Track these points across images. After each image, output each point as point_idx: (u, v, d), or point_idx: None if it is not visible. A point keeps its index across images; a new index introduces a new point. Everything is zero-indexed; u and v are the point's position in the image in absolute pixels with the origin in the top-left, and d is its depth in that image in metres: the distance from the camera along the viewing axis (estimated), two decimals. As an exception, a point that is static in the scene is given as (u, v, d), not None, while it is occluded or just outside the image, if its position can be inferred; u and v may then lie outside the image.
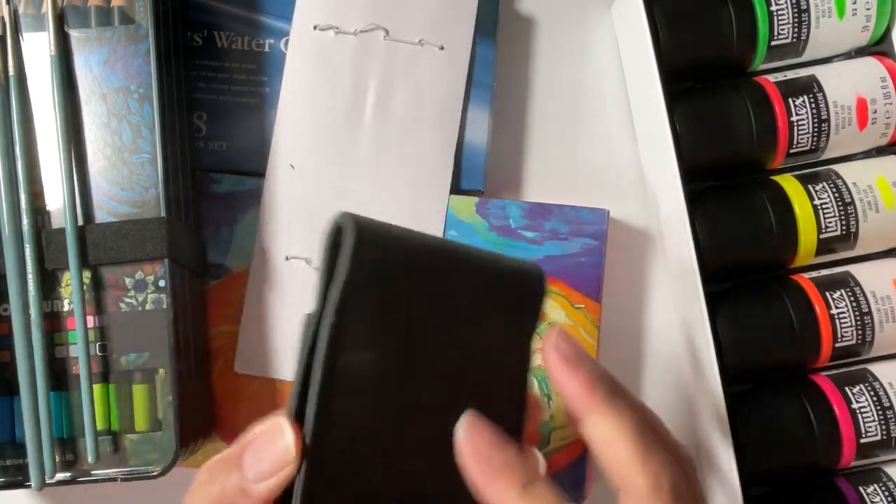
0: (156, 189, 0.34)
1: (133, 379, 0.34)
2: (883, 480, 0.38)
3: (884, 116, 0.39)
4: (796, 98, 0.39)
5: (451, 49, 0.40)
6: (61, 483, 0.33)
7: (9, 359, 0.33)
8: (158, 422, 0.33)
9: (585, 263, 0.39)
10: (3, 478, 0.33)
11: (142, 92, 0.34)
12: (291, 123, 0.39)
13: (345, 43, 0.39)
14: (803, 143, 0.39)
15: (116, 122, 0.34)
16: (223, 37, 0.40)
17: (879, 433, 0.37)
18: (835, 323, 0.38)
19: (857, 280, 0.39)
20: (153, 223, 0.34)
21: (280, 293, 0.38)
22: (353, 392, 0.24)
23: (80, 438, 0.33)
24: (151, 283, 0.34)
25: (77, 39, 0.35)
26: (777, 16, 0.39)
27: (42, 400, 0.33)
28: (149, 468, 0.33)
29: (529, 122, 0.44)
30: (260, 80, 0.40)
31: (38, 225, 0.34)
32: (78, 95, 0.34)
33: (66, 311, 0.34)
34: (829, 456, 0.38)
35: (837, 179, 0.39)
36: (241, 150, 0.40)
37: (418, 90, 0.40)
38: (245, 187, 0.39)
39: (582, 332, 0.39)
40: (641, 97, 0.42)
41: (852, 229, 0.39)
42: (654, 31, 0.39)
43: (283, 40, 0.40)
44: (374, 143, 0.39)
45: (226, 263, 0.39)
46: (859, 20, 0.39)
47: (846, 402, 0.38)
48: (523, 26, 0.44)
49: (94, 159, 0.34)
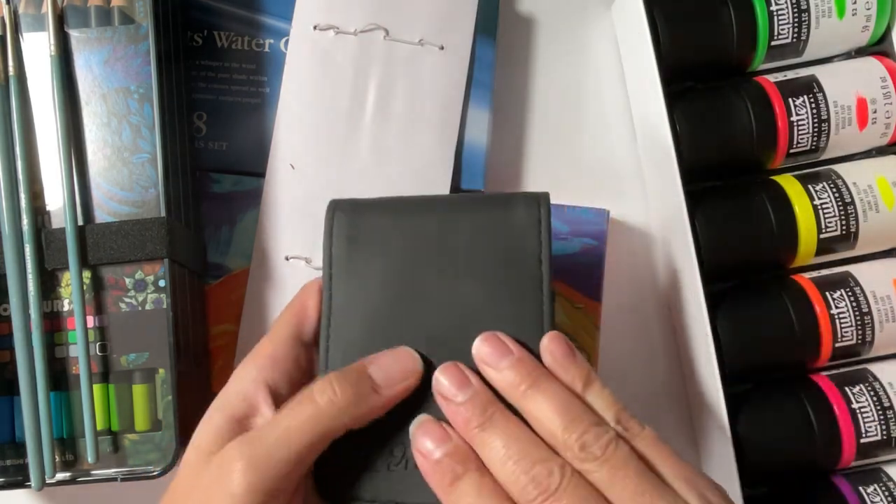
0: (156, 189, 0.34)
1: (133, 379, 0.34)
2: (883, 480, 0.38)
3: (884, 116, 0.39)
4: (796, 98, 0.39)
5: (451, 49, 0.40)
6: (61, 483, 0.33)
7: (9, 359, 0.33)
8: (158, 422, 0.33)
9: (585, 263, 0.39)
10: (3, 478, 0.33)
11: (142, 92, 0.34)
12: (291, 123, 0.39)
13: (345, 43, 0.39)
14: (803, 143, 0.39)
15: (116, 122, 0.34)
16: (223, 37, 0.40)
17: (879, 433, 0.37)
18: (835, 323, 0.38)
19: (857, 280, 0.39)
20: (153, 223, 0.34)
21: (280, 293, 0.38)
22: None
23: (80, 438, 0.33)
24: (151, 283, 0.34)
25: (77, 39, 0.35)
26: (777, 16, 0.39)
27: (42, 400, 0.33)
28: (149, 468, 0.33)
29: (529, 122, 0.44)
30: (260, 80, 0.40)
31: (38, 225, 0.34)
32: (78, 95, 0.34)
33: (66, 311, 0.34)
34: (829, 456, 0.38)
35: (837, 179, 0.39)
36: (241, 150, 0.40)
37: (418, 90, 0.40)
38: (245, 187, 0.39)
39: (582, 332, 0.39)
40: (641, 97, 0.42)
41: (852, 229, 0.39)
42: (654, 31, 0.39)
43: (283, 40, 0.40)
44: (374, 143, 0.39)
45: (226, 263, 0.39)
46: (859, 20, 0.39)
47: (846, 402, 0.38)
48: (523, 26, 0.44)
49: (94, 159, 0.34)
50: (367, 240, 0.30)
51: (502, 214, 0.30)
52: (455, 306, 0.29)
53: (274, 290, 0.38)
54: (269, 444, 0.26)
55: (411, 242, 0.30)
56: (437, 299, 0.29)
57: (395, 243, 0.30)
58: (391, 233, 0.30)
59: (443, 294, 0.29)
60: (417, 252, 0.30)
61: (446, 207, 0.31)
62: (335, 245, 0.30)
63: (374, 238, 0.30)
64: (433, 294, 0.29)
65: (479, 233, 0.30)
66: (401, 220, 0.30)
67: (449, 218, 0.30)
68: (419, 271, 0.30)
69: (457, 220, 0.30)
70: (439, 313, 0.29)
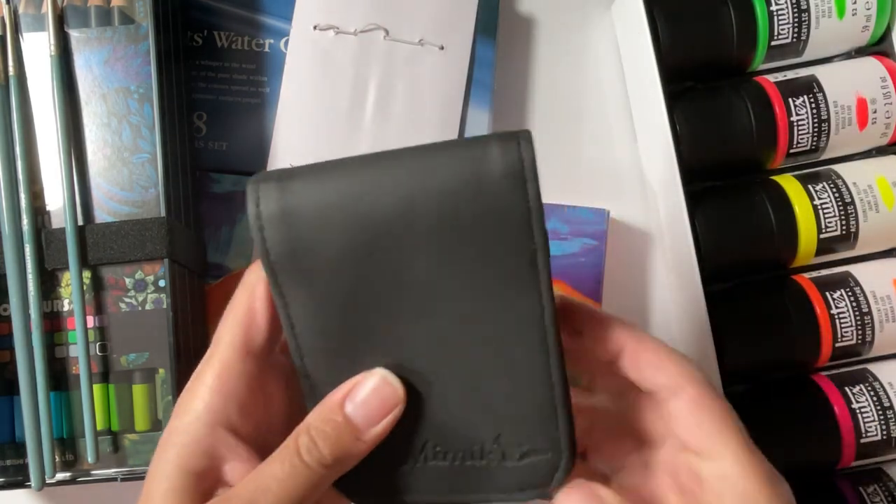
0: (156, 189, 0.34)
1: (133, 379, 0.34)
2: (883, 480, 0.38)
3: (884, 116, 0.39)
4: (796, 98, 0.39)
5: (451, 49, 0.40)
6: (61, 483, 0.33)
7: (9, 359, 0.33)
8: (158, 422, 0.33)
9: (585, 263, 0.39)
10: (3, 478, 0.33)
11: (142, 92, 0.34)
12: (291, 123, 0.39)
13: (345, 43, 0.39)
14: (803, 143, 0.39)
15: (116, 122, 0.34)
16: (223, 37, 0.40)
17: (879, 433, 0.37)
18: (835, 323, 0.38)
19: (857, 280, 0.39)
20: (153, 223, 0.34)
21: (280, 293, 0.38)
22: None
23: (80, 438, 0.33)
24: (151, 283, 0.34)
25: (77, 39, 0.35)
26: (777, 16, 0.39)
27: (42, 400, 0.33)
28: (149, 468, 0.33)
29: (529, 122, 0.44)
30: (260, 80, 0.40)
31: (38, 225, 0.34)
32: (78, 95, 0.34)
33: (66, 311, 0.34)
34: (830, 456, 0.38)
35: (837, 179, 0.39)
36: (241, 150, 0.40)
37: (418, 90, 0.40)
38: (245, 187, 0.39)
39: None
40: (641, 97, 0.42)
41: (852, 229, 0.39)
42: (654, 31, 0.39)
43: (283, 40, 0.40)
44: (374, 143, 0.39)
45: (226, 263, 0.39)
46: (859, 20, 0.39)
47: (846, 402, 0.38)
48: (523, 26, 0.44)
49: (94, 159, 0.34)
50: (308, 226, 0.23)
51: (470, 168, 0.22)
52: (434, 298, 0.23)
53: (274, 290, 0.38)
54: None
55: (364, 221, 0.23)
56: (413, 290, 0.23)
57: (344, 224, 0.23)
58: (336, 209, 0.23)
59: (417, 283, 0.23)
60: (375, 234, 0.23)
61: (400, 167, 0.23)
62: (270, 238, 0.23)
63: (317, 221, 0.23)
64: (407, 284, 0.23)
65: (445, 197, 0.22)
66: (344, 190, 0.23)
67: (405, 182, 0.22)
68: (383, 258, 0.23)
69: (416, 184, 0.22)
70: (416, 308, 0.24)
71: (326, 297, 0.24)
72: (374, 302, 0.24)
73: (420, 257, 0.23)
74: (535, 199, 0.22)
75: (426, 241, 0.23)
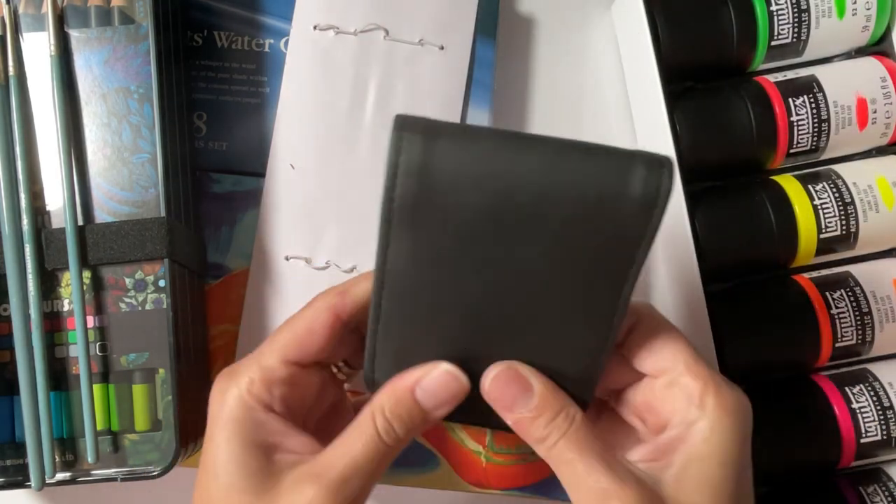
0: (156, 189, 0.34)
1: (133, 379, 0.34)
2: (883, 480, 0.38)
3: (884, 116, 0.39)
4: (796, 98, 0.39)
5: (451, 49, 0.40)
6: (61, 483, 0.33)
7: (9, 359, 0.33)
8: (158, 422, 0.33)
9: (585, 263, 0.39)
10: (3, 478, 0.33)
11: (142, 92, 0.34)
12: (291, 123, 0.39)
13: (345, 43, 0.39)
14: (803, 143, 0.39)
15: (116, 122, 0.34)
16: (223, 37, 0.40)
17: (879, 433, 0.37)
18: (835, 323, 0.38)
19: (857, 280, 0.39)
20: (153, 223, 0.34)
21: (280, 293, 0.38)
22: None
23: (80, 438, 0.33)
24: (151, 283, 0.34)
25: (77, 39, 0.35)
26: (777, 16, 0.39)
27: (42, 400, 0.33)
28: (149, 468, 0.33)
29: (529, 122, 0.44)
30: (260, 80, 0.40)
31: (38, 225, 0.34)
32: (78, 95, 0.34)
33: (66, 311, 0.34)
34: (830, 456, 0.38)
35: (837, 179, 0.39)
36: (241, 150, 0.40)
37: (418, 90, 0.40)
38: (245, 187, 0.39)
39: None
40: (641, 97, 0.42)
41: (852, 229, 0.39)
42: (654, 31, 0.39)
43: (283, 40, 0.40)
44: (374, 143, 0.39)
45: (226, 263, 0.39)
46: (859, 20, 0.39)
47: (846, 402, 0.38)
48: (523, 26, 0.44)
49: (94, 159, 0.34)
50: (441, 188, 0.23)
51: (612, 181, 0.23)
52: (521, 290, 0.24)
53: (274, 290, 0.38)
54: (342, 472, 0.26)
55: (494, 200, 0.23)
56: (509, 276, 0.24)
57: (477, 198, 0.23)
58: (473, 181, 0.23)
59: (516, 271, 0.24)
60: (501, 215, 0.23)
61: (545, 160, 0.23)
62: (400, 186, 0.23)
63: (451, 187, 0.23)
64: (506, 268, 0.24)
65: (579, 200, 0.23)
66: (486, 165, 0.23)
67: (546, 176, 0.23)
68: (500, 238, 0.23)
69: (556, 180, 0.23)
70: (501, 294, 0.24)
71: (429, 261, 0.24)
72: (473, 277, 0.24)
73: (532, 247, 0.24)
74: (654, 228, 0.24)
75: (546, 233, 0.23)
